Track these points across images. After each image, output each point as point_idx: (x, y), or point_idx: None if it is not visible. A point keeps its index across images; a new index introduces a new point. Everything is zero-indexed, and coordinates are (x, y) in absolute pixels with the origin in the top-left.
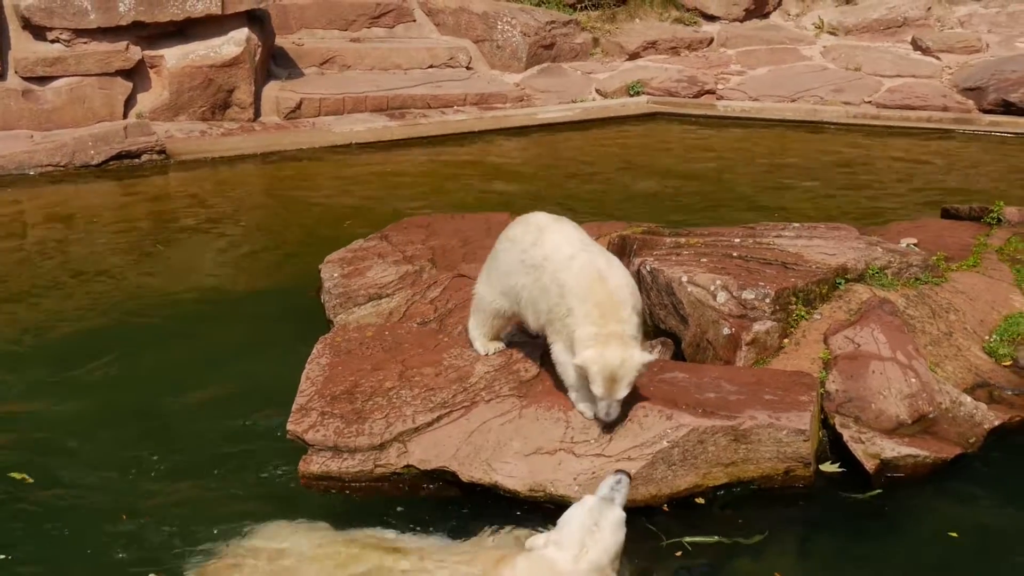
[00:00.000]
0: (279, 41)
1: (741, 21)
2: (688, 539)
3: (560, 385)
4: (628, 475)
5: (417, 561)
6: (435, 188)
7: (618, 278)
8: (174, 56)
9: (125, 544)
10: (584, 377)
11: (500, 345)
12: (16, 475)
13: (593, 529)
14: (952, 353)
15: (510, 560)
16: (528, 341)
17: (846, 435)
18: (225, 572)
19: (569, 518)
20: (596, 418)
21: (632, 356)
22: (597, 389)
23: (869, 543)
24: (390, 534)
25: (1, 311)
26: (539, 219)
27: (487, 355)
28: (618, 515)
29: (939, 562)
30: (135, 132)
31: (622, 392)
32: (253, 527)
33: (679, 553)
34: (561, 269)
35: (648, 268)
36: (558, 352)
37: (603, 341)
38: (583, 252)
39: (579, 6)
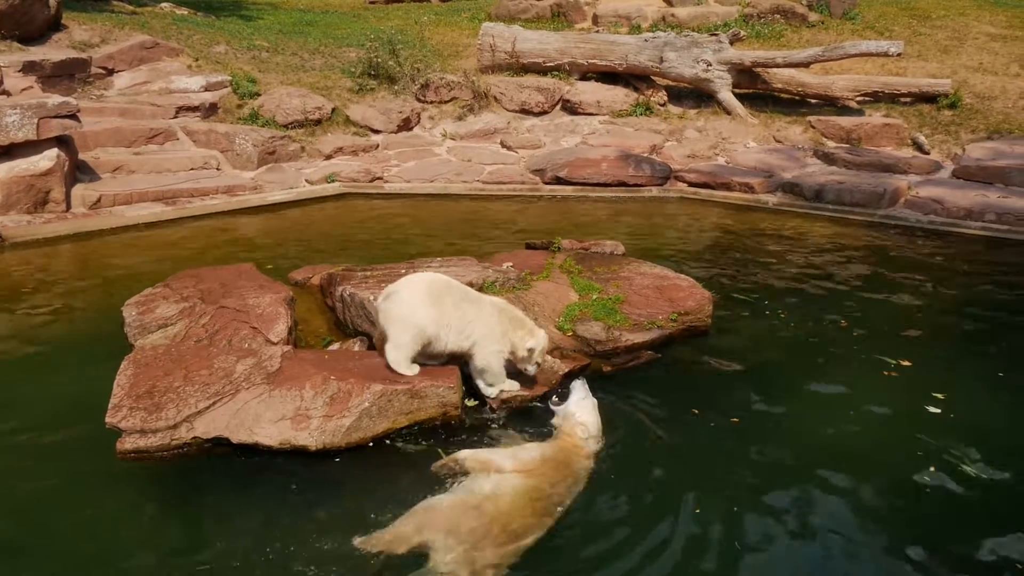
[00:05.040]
0: (82, 156)
1: (395, 133)
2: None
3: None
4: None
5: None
6: (200, 250)
7: None
8: (3, 170)
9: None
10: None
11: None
12: None
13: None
14: None
15: (564, 431)
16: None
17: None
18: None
19: (578, 407)
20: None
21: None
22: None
23: (492, 435)
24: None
25: None
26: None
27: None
28: (594, 400)
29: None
30: None
31: None
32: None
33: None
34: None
35: (348, 293)
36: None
37: None
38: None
39: (290, 127)
